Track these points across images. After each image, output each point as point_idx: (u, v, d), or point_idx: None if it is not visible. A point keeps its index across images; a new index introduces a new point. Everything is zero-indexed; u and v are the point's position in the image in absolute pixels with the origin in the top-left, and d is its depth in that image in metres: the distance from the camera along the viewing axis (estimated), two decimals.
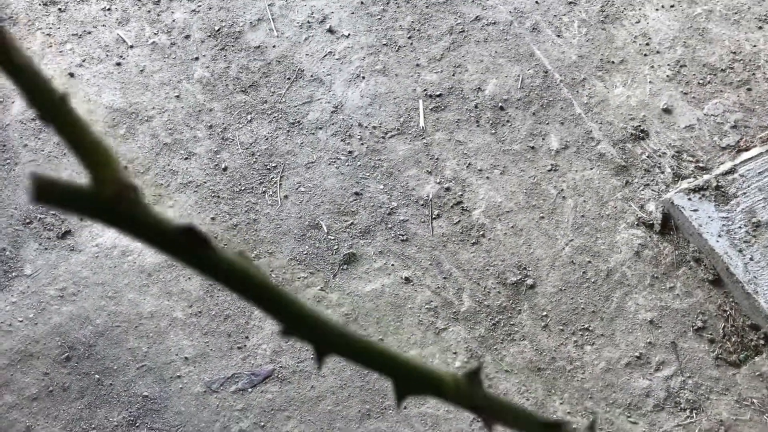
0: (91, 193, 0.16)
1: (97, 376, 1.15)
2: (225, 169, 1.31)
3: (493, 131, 1.32)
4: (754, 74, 1.35)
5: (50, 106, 0.17)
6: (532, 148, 1.30)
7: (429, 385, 0.21)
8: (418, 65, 1.39)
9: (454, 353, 1.14)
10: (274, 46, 1.42)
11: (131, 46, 1.42)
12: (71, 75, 1.39)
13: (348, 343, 0.20)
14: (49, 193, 0.17)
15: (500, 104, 1.34)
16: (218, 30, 1.45)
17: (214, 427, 1.11)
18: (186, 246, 0.17)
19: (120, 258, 1.23)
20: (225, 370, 1.15)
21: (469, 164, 1.29)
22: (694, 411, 1.09)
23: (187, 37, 1.44)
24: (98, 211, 0.17)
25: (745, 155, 1.25)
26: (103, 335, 1.17)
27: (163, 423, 1.11)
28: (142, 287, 1.21)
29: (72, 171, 1.30)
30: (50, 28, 1.44)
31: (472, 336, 1.15)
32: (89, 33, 1.43)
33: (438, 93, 1.36)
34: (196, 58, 1.41)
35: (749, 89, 1.34)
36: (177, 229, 0.17)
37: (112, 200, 0.17)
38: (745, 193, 1.21)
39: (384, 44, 1.42)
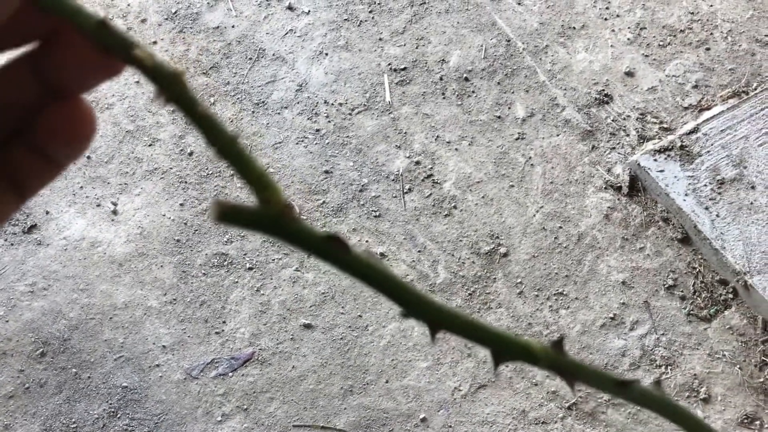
0: (262, 213, 0.22)
1: (74, 370, 1.13)
2: (191, 153, 1.29)
3: (459, 102, 1.32)
4: (712, 34, 1.37)
5: (224, 146, 0.21)
6: (499, 117, 1.30)
7: (522, 352, 0.24)
8: (380, 39, 1.38)
9: None
10: (233, 26, 1.40)
11: None
12: None
13: (455, 320, 0.24)
14: (229, 215, 0.21)
15: (465, 75, 1.34)
16: (175, 12, 1.42)
17: (196, 414, 1.10)
18: (332, 251, 0.22)
19: (89, 250, 1.21)
20: (204, 356, 1.14)
21: (438, 137, 1.29)
22: (669, 367, 1.11)
23: (144, 21, 1.41)
24: (268, 228, 0.22)
25: (707, 114, 1.27)
26: (77, 328, 1.16)
27: (145, 412, 1.10)
28: (114, 278, 1.19)
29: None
30: None
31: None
32: None
33: (402, 67, 1.35)
34: (155, 42, 1.38)
35: (708, 49, 1.36)
36: (324, 238, 0.22)
37: (277, 218, 0.22)
38: (708, 152, 1.23)
39: (345, 19, 1.41)
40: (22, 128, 0.22)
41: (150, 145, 1.29)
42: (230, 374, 1.13)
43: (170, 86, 0.21)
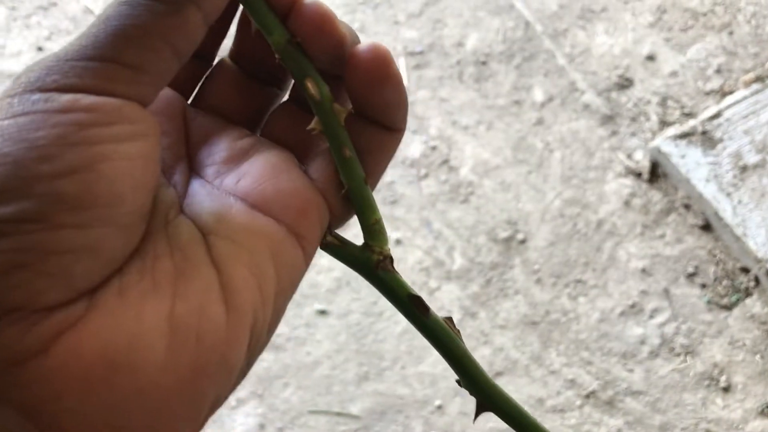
0: (363, 257, 0.23)
1: None
2: None
3: (477, 87, 1.30)
4: (735, 17, 1.34)
5: (355, 186, 0.23)
6: (517, 102, 1.29)
7: None
8: (396, 22, 1.36)
9: (449, 311, 1.14)
10: None
11: None
12: (40, 49, 1.35)
13: (506, 406, 0.25)
14: (334, 246, 0.23)
15: (482, 59, 1.32)
16: None
17: None
18: (413, 310, 0.23)
19: None
20: None
21: (455, 121, 1.27)
22: (689, 355, 1.10)
23: None
24: (362, 270, 0.23)
25: (730, 99, 1.25)
26: None
27: None
28: None
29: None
30: (14, 1, 1.39)
31: (465, 294, 1.15)
32: (55, 5, 1.39)
33: (419, 50, 1.34)
34: None
35: (731, 32, 1.33)
36: (409, 296, 0.23)
37: (375, 265, 0.23)
38: (731, 137, 1.21)
39: (360, 3, 1.39)
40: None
41: None
42: None
43: (330, 122, 0.22)
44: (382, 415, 1.08)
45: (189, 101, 0.23)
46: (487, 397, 0.24)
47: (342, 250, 0.23)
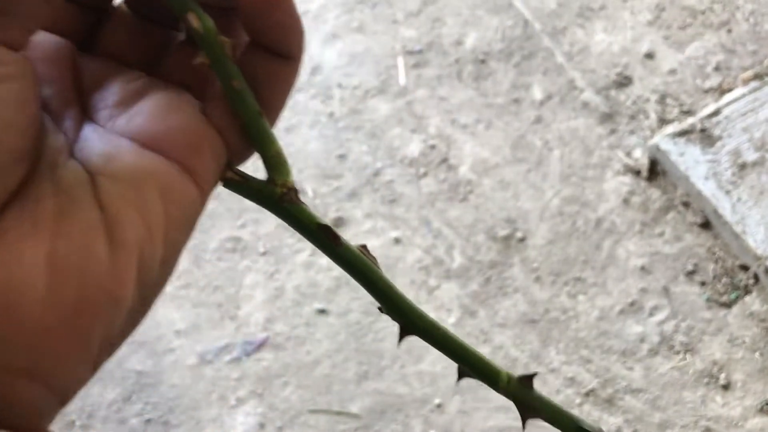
0: (266, 190, 0.23)
1: None
2: None
3: (476, 85, 1.30)
4: (733, 15, 1.34)
5: (249, 119, 0.23)
6: (516, 100, 1.28)
7: (487, 375, 0.25)
8: (395, 21, 1.36)
9: (448, 310, 1.14)
10: None
11: None
12: None
13: (428, 329, 0.25)
14: (235, 182, 0.23)
15: (481, 57, 1.32)
16: None
17: (211, 398, 1.10)
18: (325, 240, 0.24)
19: None
20: (218, 340, 1.14)
21: (453, 120, 1.27)
22: (688, 353, 1.10)
23: None
24: (268, 204, 0.23)
25: (728, 97, 1.25)
26: None
27: (159, 396, 1.10)
28: None
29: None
30: None
31: (464, 292, 1.15)
32: None
33: (418, 49, 1.34)
34: None
35: (729, 30, 1.33)
36: (318, 226, 0.23)
37: (279, 198, 0.23)
38: (729, 135, 1.21)
39: (359, 2, 1.39)
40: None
41: None
42: (244, 359, 1.12)
43: (216, 54, 0.21)
44: (381, 413, 1.08)
45: (85, 50, 0.23)
46: (410, 320, 0.24)
47: (244, 186, 0.23)
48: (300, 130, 1.28)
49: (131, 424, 1.09)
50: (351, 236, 1.21)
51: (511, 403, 0.24)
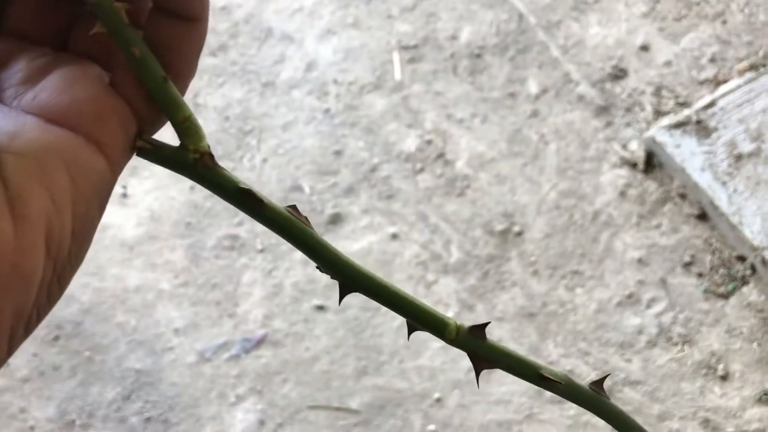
0: (179, 155, 0.23)
1: (87, 353, 1.13)
2: None
3: (471, 80, 1.30)
4: (728, 6, 1.34)
5: (154, 86, 0.22)
6: (511, 94, 1.28)
7: (435, 326, 0.24)
8: (390, 16, 1.36)
9: (446, 305, 1.14)
10: (240, 6, 1.38)
11: None
12: None
13: (368, 282, 0.24)
14: (147, 150, 0.23)
15: (476, 52, 1.32)
16: None
17: (210, 395, 1.10)
18: (248, 204, 0.23)
19: (100, 233, 1.21)
20: (217, 338, 1.14)
21: (449, 115, 1.27)
22: (686, 344, 1.10)
23: None
24: (184, 171, 0.23)
25: (724, 88, 1.25)
26: (89, 312, 1.15)
27: (159, 395, 1.10)
28: (125, 261, 1.19)
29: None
30: None
31: (462, 287, 1.15)
32: None
33: (413, 44, 1.33)
34: None
35: (724, 21, 1.33)
36: (238, 190, 0.23)
37: (194, 163, 0.23)
38: (725, 126, 1.21)
39: None
40: None
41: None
42: (243, 356, 1.12)
43: (113, 22, 0.21)
44: (381, 409, 1.08)
45: None
46: (348, 277, 0.24)
47: (157, 154, 0.23)
48: (296, 126, 1.28)
49: (131, 423, 1.09)
50: (348, 232, 1.21)
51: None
